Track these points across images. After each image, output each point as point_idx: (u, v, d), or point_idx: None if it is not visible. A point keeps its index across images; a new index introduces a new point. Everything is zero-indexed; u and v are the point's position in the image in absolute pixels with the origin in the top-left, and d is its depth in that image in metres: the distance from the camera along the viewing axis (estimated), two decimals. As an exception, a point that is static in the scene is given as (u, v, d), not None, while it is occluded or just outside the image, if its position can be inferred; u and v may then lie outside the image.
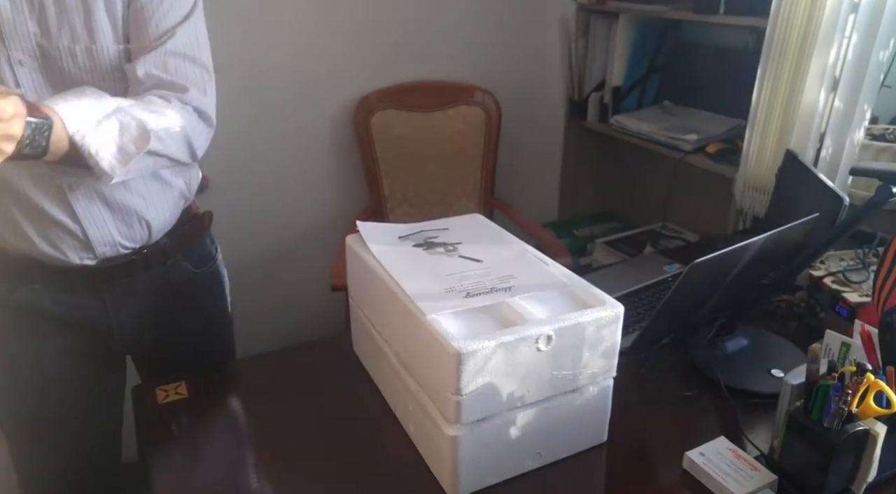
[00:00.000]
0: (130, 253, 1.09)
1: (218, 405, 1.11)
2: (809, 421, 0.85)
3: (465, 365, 0.80)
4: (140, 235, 1.10)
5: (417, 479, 0.93)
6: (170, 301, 1.17)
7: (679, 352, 1.18)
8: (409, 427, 1.00)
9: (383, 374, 1.08)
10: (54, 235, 1.02)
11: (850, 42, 1.43)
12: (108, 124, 0.89)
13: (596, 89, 2.29)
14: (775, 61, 1.56)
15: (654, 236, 2.23)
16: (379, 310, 1.04)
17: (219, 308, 1.29)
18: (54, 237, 1.02)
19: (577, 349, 0.88)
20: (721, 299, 1.12)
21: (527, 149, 2.42)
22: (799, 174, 1.32)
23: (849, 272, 1.22)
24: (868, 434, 0.83)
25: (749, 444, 0.98)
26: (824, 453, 0.83)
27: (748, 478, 0.88)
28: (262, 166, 2.02)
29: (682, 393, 1.10)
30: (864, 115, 1.47)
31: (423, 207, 2.20)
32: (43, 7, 0.92)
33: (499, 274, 0.97)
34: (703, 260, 0.94)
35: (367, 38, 2.04)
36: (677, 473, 0.94)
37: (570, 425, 0.94)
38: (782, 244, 1.09)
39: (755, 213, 1.70)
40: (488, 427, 0.87)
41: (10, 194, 0.99)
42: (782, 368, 1.10)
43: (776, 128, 1.60)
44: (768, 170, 1.63)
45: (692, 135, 1.92)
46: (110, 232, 1.05)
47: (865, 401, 0.82)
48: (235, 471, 0.97)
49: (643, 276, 1.49)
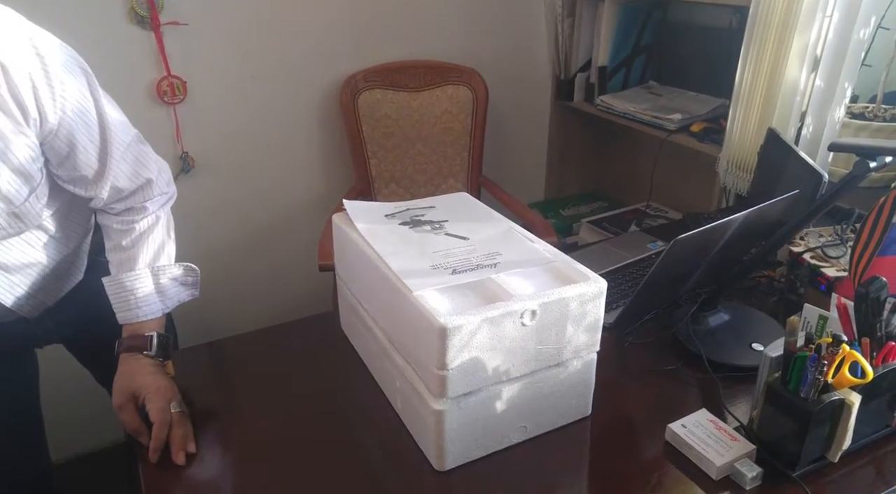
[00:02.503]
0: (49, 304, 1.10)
1: (205, 383, 1.12)
2: (787, 392, 0.87)
3: (451, 340, 0.81)
4: (73, 283, 1.12)
5: (404, 453, 0.95)
6: (93, 295, 1.12)
7: (662, 327, 1.20)
8: (396, 403, 1.01)
9: (370, 351, 1.09)
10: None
11: (832, 21, 1.45)
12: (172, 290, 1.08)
13: (582, 69, 2.29)
14: (758, 41, 1.57)
15: (639, 215, 2.25)
16: (366, 288, 1.05)
17: None
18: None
19: (561, 324, 0.90)
20: (703, 275, 1.14)
21: (513, 129, 2.43)
22: (780, 152, 1.34)
23: (827, 247, 1.24)
24: (843, 404, 0.86)
25: (729, 416, 1.00)
26: (801, 422, 0.85)
27: (728, 448, 0.90)
28: (249, 146, 2.02)
29: (664, 367, 1.12)
30: (845, 94, 1.48)
31: (410, 187, 2.21)
32: None
33: (485, 251, 0.98)
34: (686, 235, 0.95)
35: (353, 18, 2.03)
36: (660, 445, 0.96)
37: (554, 399, 0.96)
38: (763, 220, 1.11)
39: (738, 191, 1.72)
40: (474, 402, 0.88)
41: None
42: (762, 342, 1.12)
43: (758, 106, 1.61)
44: (751, 148, 1.65)
45: (677, 115, 1.93)
46: (45, 303, 1.08)
47: (841, 372, 0.84)
48: (222, 449, 0.98)
49: (627, 254, 1.51)
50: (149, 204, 1.06)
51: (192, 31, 1.79)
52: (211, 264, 1.51)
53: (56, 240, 1.04)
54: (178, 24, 1.77)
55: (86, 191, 0.99)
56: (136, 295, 1.04)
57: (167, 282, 1.07)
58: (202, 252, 1.93)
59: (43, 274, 1.05)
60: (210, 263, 1.49)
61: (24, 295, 1.04)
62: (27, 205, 0.92)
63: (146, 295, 1.05)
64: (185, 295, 1.12)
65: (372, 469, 0.94)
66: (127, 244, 1.06)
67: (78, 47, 0.92)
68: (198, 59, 1.85)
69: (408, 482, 0.92)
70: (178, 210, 1.28)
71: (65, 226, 1.05)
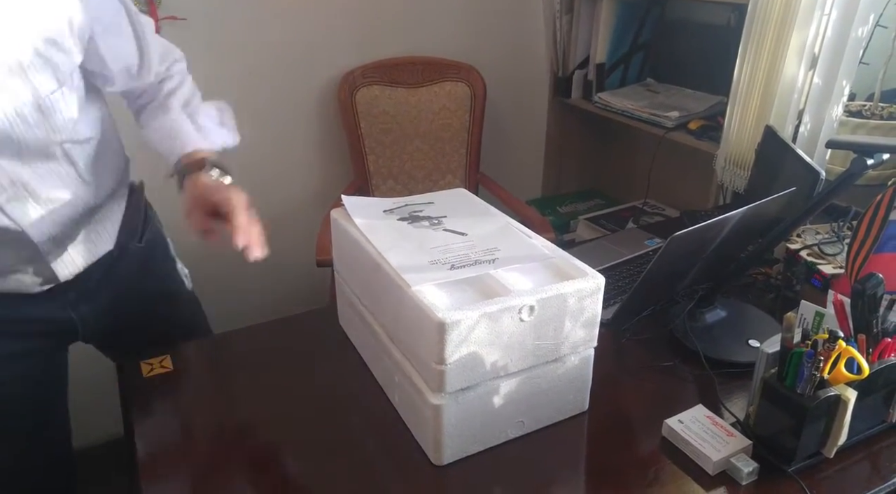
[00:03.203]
0: (90, 266, 1.09)
1: (203, 378, 1.12)
2: (783, 388, 0.87)
3: (449, 335, 0.81)
4: (102, 249, 1.10)
5: (402, 448, 0.95)
6: (127, 283, 1.16)
7: (659, 324, 1.21)
8: (394, 397, 1.01)
9: (369, 346, 1.09)
10: (15, 278, 1.00)
11: (830, 19, 1.45)
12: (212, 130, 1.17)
13: (580, 66, 2.29)
14: (756, 38, 1.57)
15: (637, 212, 2.25)
16: (364, 283, 1.05)
17: (169, 268, 1.28)
18: (15, 279, 1.01)
19: (558, 319, 0.90)
20: (700, 272, 1.14)
21: (511, 126, 2.43)
22: (778, 149, 1.34)
23: (824, 245, 1.24)
24: (839, 400, 0.86)
25: (726, 411, 1.00)
26: (797, 418, 0.86)
27: (724, 444, 0.91)
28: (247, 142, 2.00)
29: (661, 363, 1.13)
30: (843, 92, 1.49)
31: (408, 183, 2.21)
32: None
33: (483, 246, 0.99)
34: (683, 232, 0.96)
35: (351, 14, 2.03)
36: (656, 440, 0.96)
37: (551, 394, 0.96)
38: (760, 218, 1.11)
39: (735, 189, 1.73)
40: (472, 396, 0.88)
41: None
42: (759, 339, 1.12)
43: (756, 104, 1.62)
44: (748, 145, 1.65)
45: (674, 113, 1.94)
46: (75, 261, 1.05)
47: (837, 368, 0.85)
48: (221, 444, 0.98)
49: (624, 251, 1.51)
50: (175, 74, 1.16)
51: (190, 26, 1.79)
52: (208, 259, 1.51)
53: (86, 184, 1.03)
54: (177, 18, 1.77)
55: (129, 81, 1.07)
56: (178, 131, 1.10)
57: (204, 122, 1.15)
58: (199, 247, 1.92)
59: (73, 218, 1.02)
60: (207, 258, 1.48)
61: (53, 237, 1.00)
62: (55, 99, 0.91)
63: (187, 131, 1.11)
64: (227, 137, 1.19)
65: (369, 463, 0.94)
66: (157, 102, 1.14)
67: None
68: (196, 55, 1.83)
69: (405, 476, 0.92)
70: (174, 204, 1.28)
71: (95, 168, 1.04)
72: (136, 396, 1.06)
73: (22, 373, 1.10)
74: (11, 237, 0.95)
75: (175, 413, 1.04)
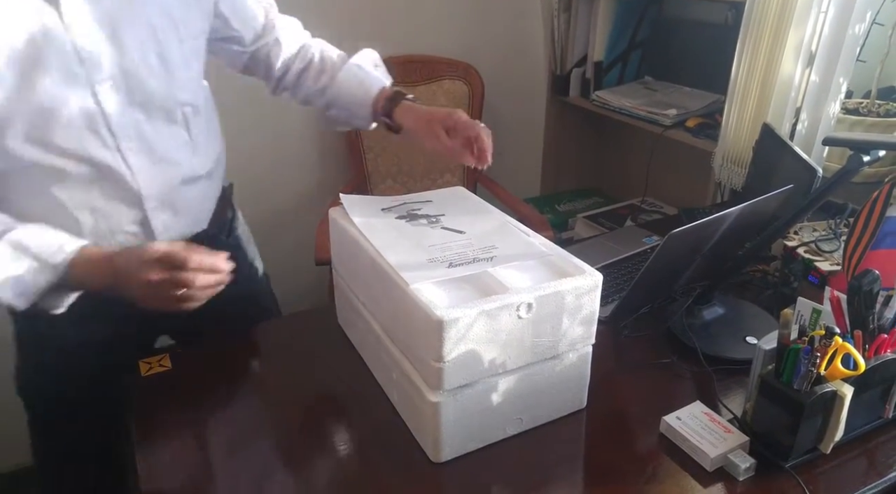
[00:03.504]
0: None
1: (201, 376, 1.12)
2: (780, 384, 0.88)
3: (448, 333, 0.82)
4: (197, 226, 1.16)
5: (401, 445, 0.95)
6: None
7: (657, 321, 1.21)
8: (392, 395, 1.02)
9: (367, 344, 1.09)
10: (118, 240, 1.05)
11: (827, 17, 1.45)
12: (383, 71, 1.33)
13: (578, 65, 2.29)
14: (753, 36, 1.58)
15: (635, 210, 2.26)
16: (363, 281, 1.05)
17: (253, 272, 1.35)
18: (118, 242, 1.05)
19: (556, 317, 0.90)
20: (698, 269, 1.14)
21: (509, 124, 2.43)
22: (775, 147, 1.34)
23: (821, 242, 1.25)
24: (835, 396, 0.86)
25: (723, 408, 1.01)
26: (794, 414, 0.86)
27: (722, 440, 0.91)
28: (245, 141, 2.01)
29: (659, 360, 1.13)
30: (840, 89, 1.49)
31: (406, 182, 2.21)
32: (115, 26, 0.94)
33: (481, 244, 0.99)
34: (681, 230, 0.96)
35: (349, 13, 2.03)
36: (654, 437, 0.97)
37: (550, 391, 0.96)
38: (758, 215, 1.12)
39: (733, 186, 1.73)
40: (470, 394, 0.89)
41: (82, 207, 1.00)
42: (756, 335, 1.13)
43: (754, 102, 1.62)
44: (746, 143, 1.65)
45: (672, 110, 1.94)
46: (173, 228, 1.10)
47: (833, 364, 0.85)
48: (217, 441, 0.98)
49: (622, 248, 1.52)
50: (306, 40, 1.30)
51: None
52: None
53: (195, 153, 1.11)
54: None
55: (255, 41, 1.21)
56: (362, 78, 1.25)
57: (369, 67, 1.27)
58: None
59: (179, 184, 1.08)
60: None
61: (160, 198, 1.06)
62: (176, 54, 1.01)
63: (366, 75, 1.25)
64: (386, 77, 1.29)
65: (368, 460, 0.95)
66: (318, 63, 1.27)
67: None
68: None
69: (404, 473, 0.92)
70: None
71: (203, 140, 1.13)
72: (135, 395, 1.07)
73: (102, 362, 1.11)
74: (125, 193, 1.02)
75: (173, 412, 1.04)
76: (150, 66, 0.98)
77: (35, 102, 0.89)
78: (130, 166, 1.00)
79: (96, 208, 1.01)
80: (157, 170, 1.04)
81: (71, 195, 0.98)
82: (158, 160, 1.04)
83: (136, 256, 0.90)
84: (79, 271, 0.93)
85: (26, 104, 0.89)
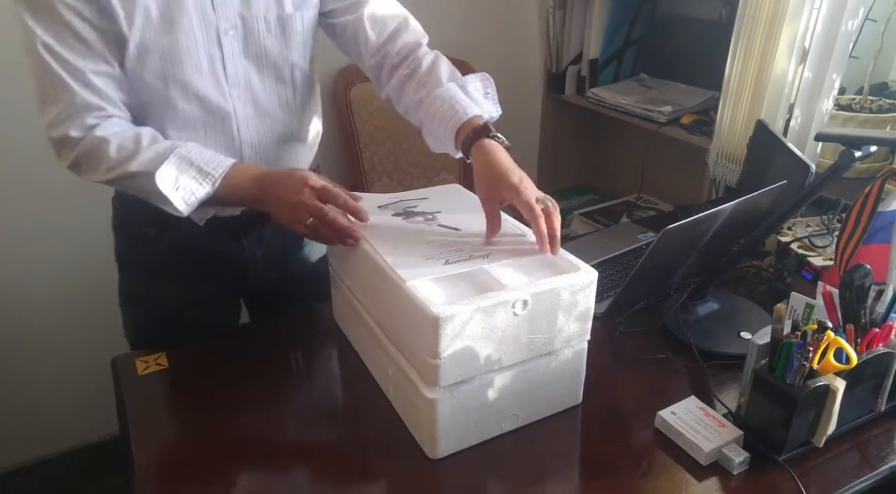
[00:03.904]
0: None
1: (198, 375, 1.12)
2: (773, 378, 0.89)
3: (444, 330, 0.82)
4: None
5: (398, 441, 0.96)
6: (291, 242, 1.28)
7: (652, 317, 1.22)
8: (389, 392, 1.02)
9: (364, 341, 1.10)
10: None
11: (820, 13, 1.46)
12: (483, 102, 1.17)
13: (573, 62, 2.30)
14: (747, 33, 1.58)
15: (631, 207, 2.27)
16: (359, 278, 1.05)
17: (318, 252, 1.36)
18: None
19: (552, 313, 0.91)
20: (693, 265, 1.15)
21: (505, 121, 2.41)
22: (769, 143, 1.35)
23: (814, 237, 1.26)
24: (828, 389, 0.87)
25: (718, 403, 1.02)
26: (787, 408, 0.87)
27: (716, 434, 0.92)
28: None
29: (654, 356, 1.14)
30: (833, 85, 1.50)
31: (403, 180, 2.21)
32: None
33: (477, 241, 1.00)
34: (675, 226, 0.97)
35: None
36: (650, 432, 0.98)
37: (545, 387, 0.97)
38: (752, 211, 1.12)
39: (728, 183, 1.74)
40: (466, 390, 0.89)
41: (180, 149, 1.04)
42: (751, 331, 1.13)
43: (748, 98, 1.63)
44: (740, 140, 1.66)
45: (667, 107, 1.94)
46: None
47: (826, 358, 0.86)
48: (214, 439, 0.98)
49: (618, 245, 1.53)
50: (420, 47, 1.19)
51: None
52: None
53: (293, 110, 1.17)
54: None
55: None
56: (456, 100, 1.09)
57: (474, 92, 1.14)
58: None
59: (277, 138, 1.16)
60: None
61: (257, 147, 1.13)
62: (292, 19, 1.08)
63: (462, 99, 1.10)
64: (493, 108, 1.16)
65: (365, 457, 0.95)
66: (421, 73, 1.15)
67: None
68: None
69: (401, 470, 0.93)
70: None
71: (305, 105, 1.19)
72: (130, 394, 1.07)
73: (198, 319, 1.22)
74: (228, 140, 1.10)
75: (170, 410, 1.05)
76: (269, 24, 1.07)
77: (172, 40, 0.98)
78: (237, 113, 1.08)
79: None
80: (259, 122, 1.12)
81: (181, 135, 1.06)
82: (261, 112, 1.12)
83: (299, 179, 0.98)
84: (231, 183, 1.01)
85: (165, 40, 0.98)
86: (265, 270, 1.25)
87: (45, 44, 0.92)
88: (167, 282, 1.20)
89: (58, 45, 0.93)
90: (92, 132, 0.97)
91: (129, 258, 1.23)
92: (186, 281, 1.20)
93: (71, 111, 0.96)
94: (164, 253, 1.17)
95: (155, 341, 1.18)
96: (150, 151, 0.98)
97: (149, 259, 1.19)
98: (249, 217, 1.17)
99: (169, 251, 1.17)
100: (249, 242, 1.21)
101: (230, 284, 1.26)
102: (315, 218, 0.96)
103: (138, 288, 1.24)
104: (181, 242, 1.16)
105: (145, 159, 0.97)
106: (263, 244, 1.22)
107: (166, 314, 1.22)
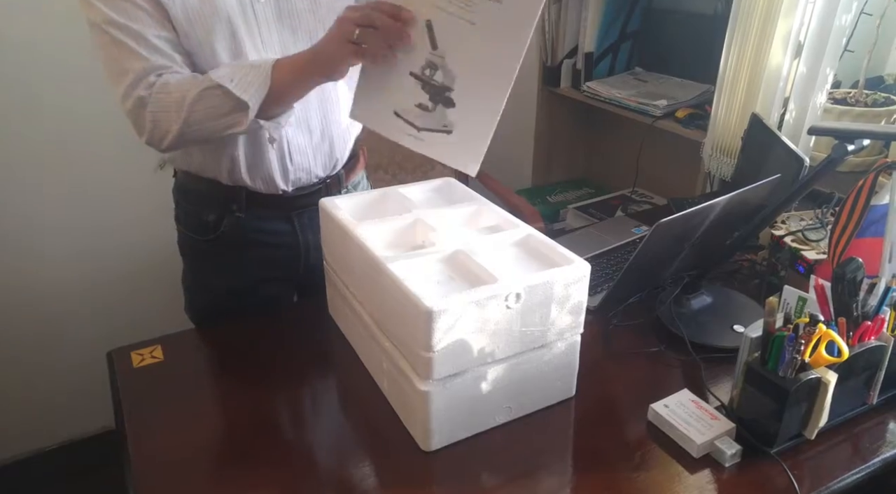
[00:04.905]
0: (317, 183, 1.25)
1: (194, 368, 1.12)
2: (765, 371, 0.89)
3: (437, 323, 0.82)
4: (328, 164, 1.25)
5: (391, 434, 0.96)
6: None
7: (646, 310, 1.22)
8: (382, 384, 1.03)
9: (358, 334, 1.10)
10: (262, 162, 1.16)
11: (815, 7, 1.46)
12: None
13: (568, 56, 2.29)
14: (742, 27, 1.58)
15: (625, 201, 2.27)
16: (353, 273, 1.05)
17: None
18: (262, 163, 1.16)
19: (545, 306, 0.91)
20: (687, 258, 1.15)
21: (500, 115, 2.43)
22: (763, 137, 1.35)
23: (808, 231, 1.26)
24: (820, 382, 0.88)
25: (710, 395, 1.02)
26: (779, 400, 0.87)
27: (709, 427, 0.92)
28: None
29: (647, 349, 1.14)
30: (827, 79, 1.50)
31: (398, 174, 2.21)
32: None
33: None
34: (669, 219, 0.97)
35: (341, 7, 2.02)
36: (643, 424, 0.98)
37: (539, 380, 0.97)
38: (746, 204, 1.12)
39: (722, 176, 1.74)
40: (459, 383, 0.90)
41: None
42: (744, 324, 1.14)
43: (742, 92, 1.63)
44: (735, 133, 1.66)
45: (662, 101, 1.94)
46: (308, 159, 1.20)
47: (818, 351, 0.86)
48: (212, 434, 0.99)
49: (612, 238, 1.53)
50: None
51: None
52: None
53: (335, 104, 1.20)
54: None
55: None
56: None
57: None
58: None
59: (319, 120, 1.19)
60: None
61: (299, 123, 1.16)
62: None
63: None
64: None
65: (359, 449, 0.96)
66: None
67: (74, 46, 0.92)
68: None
69: (394, 462, 0.93)
70: (163, 199, 1.29)
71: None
72: (126, 387, 1.07)
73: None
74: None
75: (166, 403, 1.04)
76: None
77: (209, 9, 1.02)
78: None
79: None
80: (304, 101, 1.11)
81: None
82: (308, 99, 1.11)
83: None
84: (282, 66, 1.01)
85: (203, 8, 1.02)
86: (316, 251, 1.27)
87: (108, 19, 0.98)
88: (224, 269, 1.27)
89: (120, 17, 0.99)
90: (157, 82, 1.01)
91: (189, 247, 1.29)
92: (242, 265, 1.26)
93: (140, 75, 1.01)
94: (221, 240, 1.23)
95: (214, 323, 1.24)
96: (205, 76, 1.02)
97: (207, 247, 1.25)
98: (302, 195, 1.23)
99: (226, 237, 1.22)
100: (301, 224, 1.26)
101: (283, 267, 1.30)
102: (361, 25, 0.94)
103: (198, 274, 1.31)
104: (237, 227, 1.21)
105: (203, 79, 1.01)
106: (314, 225, 1.24)
107: (225, 298, 1.27)
